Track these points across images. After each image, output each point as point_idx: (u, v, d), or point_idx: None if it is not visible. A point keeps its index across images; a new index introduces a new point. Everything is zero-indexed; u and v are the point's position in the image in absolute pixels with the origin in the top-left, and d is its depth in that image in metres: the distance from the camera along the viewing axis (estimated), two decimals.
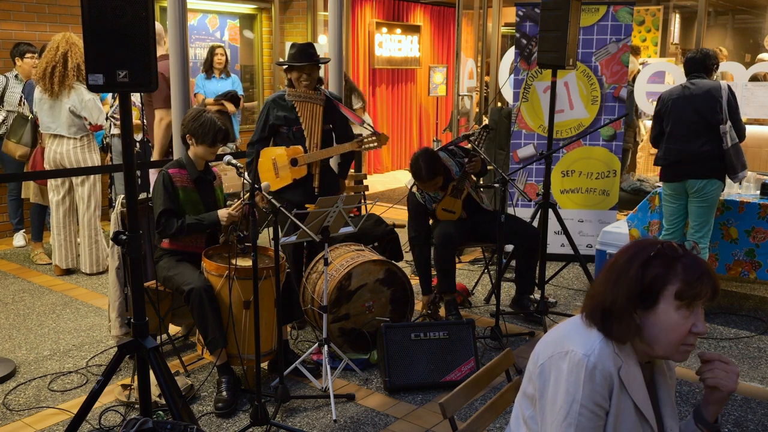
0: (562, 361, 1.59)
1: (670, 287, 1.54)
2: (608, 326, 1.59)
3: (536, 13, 5.33)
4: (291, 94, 4.19)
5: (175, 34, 4.12)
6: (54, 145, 5.26)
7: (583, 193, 5.60)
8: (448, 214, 4.37)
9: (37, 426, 3.21)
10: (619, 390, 1.57)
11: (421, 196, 4.38)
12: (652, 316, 1.57)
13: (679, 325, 1.55)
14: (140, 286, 2.56)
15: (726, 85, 4.29)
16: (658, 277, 1.55)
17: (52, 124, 5.20)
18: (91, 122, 5.24)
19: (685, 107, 4.31)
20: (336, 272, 3.83)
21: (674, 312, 1.55)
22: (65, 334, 4.27)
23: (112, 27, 2.25)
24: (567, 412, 1.56)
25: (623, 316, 1.57)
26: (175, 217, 3.54)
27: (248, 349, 3.40)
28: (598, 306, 1.61)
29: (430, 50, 11.00)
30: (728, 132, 4.22)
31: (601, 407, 1.56)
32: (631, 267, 1.58)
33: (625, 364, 1.58)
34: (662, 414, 1.68)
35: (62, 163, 5.26)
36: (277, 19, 8.80)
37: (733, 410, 3.40)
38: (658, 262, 1.57)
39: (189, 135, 3.60)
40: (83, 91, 5.17)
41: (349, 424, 3.24)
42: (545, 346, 1.67)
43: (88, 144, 5.33)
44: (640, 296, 1.57)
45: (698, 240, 4.37)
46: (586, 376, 1.54)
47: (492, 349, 4.06)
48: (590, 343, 1.58)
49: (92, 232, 5.39)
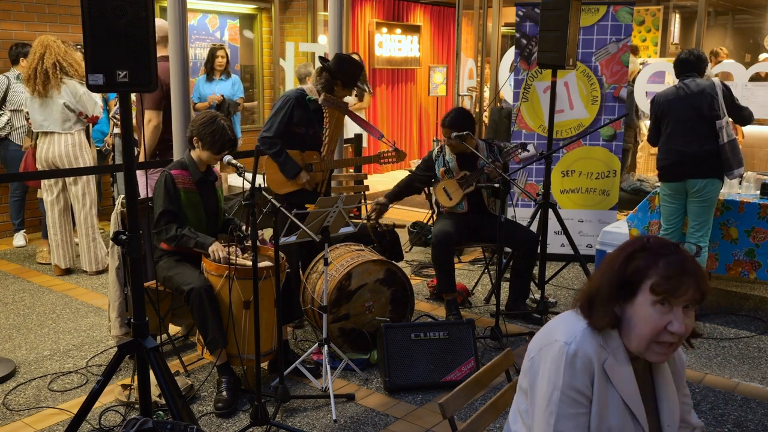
0: (548, 351, 1.62)
1: (648, 281, 1.56)
2: (590, 313, 1.62)
3: (536, 13, 5.33)
4: (327, 99, 4.09)
5: (175, 34, 4.12)
6: (46, 144, 5.25)
7: (583, 193, 5.60)
8: (445, 197, 4.46)
9: (37, 426, 3.21)
10: (603, 380, 1.58)
11: (437, 153, 4.58)
12: (630, 308, 1.59)
13: (653, 320, 1.55)
14: (140, 286, 2.56)
15: (719, 81, 4.34)
16: (639, 270, 1.57)
17: (44, 122, 5.19)
18: (88, 115, 5.26)
19: (683, 107, 4.33)
20: (336, 272, 3.83)
21: (650, 306, 1.56)
22: (65, 334, 4.27)
23: (112, 27, 2.25)
24: (548, 399, 1.58)
25: (603, 303, 1.60)
26: (175, 220, 3.53)
27: (248, 349, 3.40)
28: (585, 294, 1.65)
29: (430, 50, 11.00)
30: (725, 128, 4.25)
31: (583, 394, 1.57)
32: (618, 258, 1.62)
33: (612, 358, 1.59)
34: (660, 409, 1.68)
35: (54, 162, 5.25)
36: (277, 19, 8.80)
37: (733, 410, 3.40)
38: (642, 255, 1.59)
39: (197, 138, 3.57)
40: (76, 85, 5.19)
41: (349, 424, 3.24)
42: (536, 340, 1.70)
43: (80, 143, 5.31)
44: (621, 287, 1.59)
45: (698, 239, 4.37)
46: (566, 363, 1.57)
47: (492, 349, 4.05)
48: (572, 331, 1.61)
49: (89, 230, 5.38)
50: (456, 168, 4.47)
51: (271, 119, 4.14)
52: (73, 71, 5.19)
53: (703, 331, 4.33)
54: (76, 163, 5.27)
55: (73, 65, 5.19)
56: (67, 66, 5.16)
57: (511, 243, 4.42)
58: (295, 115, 4.12)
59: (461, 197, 4.44)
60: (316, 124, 4.18)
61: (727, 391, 3.61)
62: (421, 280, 5.31)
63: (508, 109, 6.25)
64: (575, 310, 1.67)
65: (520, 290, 4.52)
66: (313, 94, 4.16)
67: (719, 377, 3.77)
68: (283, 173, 4.14)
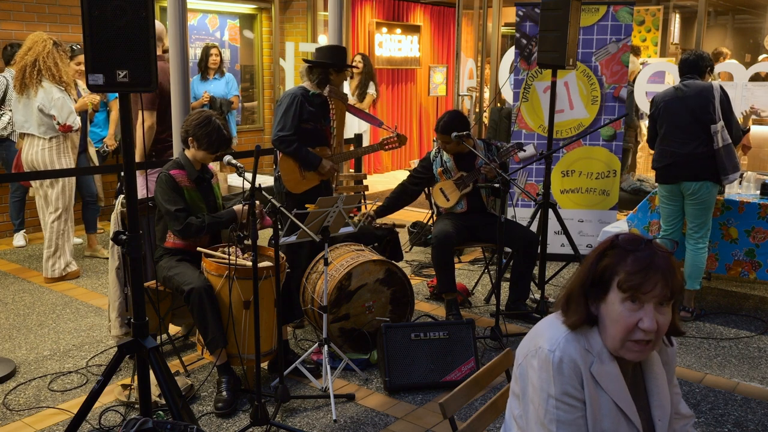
0: (534, 359, 1.62)
1: (616, 277, 1.56)
2: (566, 312, 1.63)
3: (536, 13, 5.33)
4: (332, 90, 4.19)
5: (175, 34, 4.12)
6: (26, 145, 5.20)
7: (583, 193, 5.60)
8: (442, 198, 4.47)
9: (37, 426, 3.21)
10: (592, 384, 1.58)
11: (434, 155, 4.57)
12: (604, 307, 1.59)
13: (623, 317, 1.55)
14: (140, 286, 2.56)
15: (718, 85, 4.29)
16: (608, 267, 1.58)
17: (25, 123, 5.16)
18: (60, 121, 5.07)
19: (679, 109, 4.31)
20: (336, 272, 3.83)
21: (619, 303, 1.56)
22: (65, 334, 4.27)
23: (112, 27, 2.25)
24: (545, 408, 1.59)
25: (575, 301, 1.61)
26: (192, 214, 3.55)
27: (248, 349, 3.40)
28: (564, 293, 1.66)
29: (430, 50, 11.00)
30: (719, 132, 4.21)
31: (576, 398, 1.58)
32: (591, 257, 1.63)
33: (598, 361, 1.59)
34: (650, 404, 1.68)
35: (33, 165, 5.16)
36: (277, 19, 8.80)
37: (733, 410, 3.40)
38: (612, 252, 1.59)
39: (192, 138, 3.58)
40: (53, 89, 5.06)
41: (349, 424, 3.24)
42: (522, 346, 1.71)
43: (57, 146, 5.17)
44: (592, 285, 1.60)
45: (697, 240, 4.37)
46: (554, 370, 1.57)
47: (492, 349, 4.05)
48: (555, 337, 1.61)
49: (53, 236, 5.20)
50: (454, 168, 4.48)
51: (282, 118, 4.12)
52: (48, 75, 5.03)
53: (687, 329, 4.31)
54: (52, 167, 5.14)
55: (51, 69, 5.02)
56: (44, 68, 5.01)
57: (511, 243, 4.42)
58: (305, 112, 4.15)
59: (458, 198, 4.45)
60: (322, 119, 4.23)
61: (727, 391, 3.61)
62: (421, 280, 5.31)
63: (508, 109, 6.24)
64: (557, 312, 1.68)
65: (520, 290, 4.52)
66: (313, 89, 4.21)
67: (719, 377, 3.77)
68: (305, 167, 4.17)
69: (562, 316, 1.65)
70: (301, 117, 4.12)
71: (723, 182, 4.29)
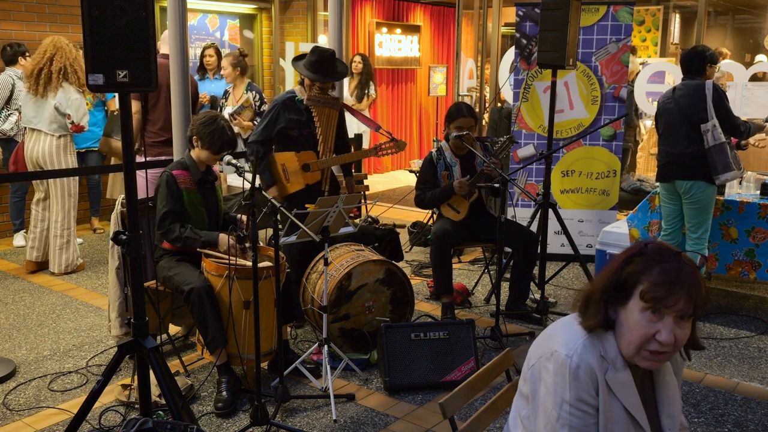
0: (549, 362, 1.61)
1: (640, 286, 1.55)
2: (584, 313, 1.62)
3: (536, 13, 5.33)
4: (310, 98, 4.13)
5: (175, 34, 4.12)
6: (32, 141, 5.28)
7: (583, 193, 5.60)
8: (452, 212, 4.41)
9: (37, 426, 3.21)
10: (606, 391, 1.58)
11: (436, 158, 4.48)
12: (623, 312, 1.58)
13: (641, 327, 1.54)
14: (140, 286, 2.56)
15: (711, 83, 4.25)
16: (633, 274, 1.56)
17: (34, 118, 5.24)
18: (74, 121, 5.25)
19: (674, 109, 4.34)
20: (336, 272, 3.83)
21: (638, 312, 1.54)
22: (65, 334, 4.27)
23: (112, 27, 2.25)
24: (558, 413, 1.58)
25: (595, 303, 1.60)
26: (178, 220, 3.55)
27: (248, 349, 3.40)
28: (583, 294, 1.65)
29: (430, 50, 11.00)
30: (710, 131, 4.19)
31: (590, 405, 1.57)
32: (617, 261, 1.61)
33: (612, 368, 1.59)
34: (660, 413, 1.68)
35: (38, 162, 5.28)
36: (277, 19, 8.80)
37: (733, 410, 3.40)
38: (639, 260, 1.58)
39: (197, 138, 3.59)
40: (72, 90, 5.24)
41: (349, 424, 3.24)
42: (535, 347, 1.70)
43: (65, 145, 5.33)
44: (615, 289, 1.59)
45: (695, 241, 4.35)
46: (570, 376, 1.56)
47: (492, 349, 4.05)
48: (573, 342, 1.60)
49: (64, 232, 5.38)
50: (459, 172, 4.43)
51: (258, 125, 4.25)
52: (74, 78, 5.23)
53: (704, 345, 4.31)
54: (58, 164, 5.30)
55: (78, 73, 5.23)
56: (71, 73, 5.20)
57: (511, 243, 4.42)
58: (282, 120, 4.15)
59: (468, 207, 4.41)
60: (311, 124, 4.20)
61: (727, 391, 3.61)
62: (421, 280, 5.31)
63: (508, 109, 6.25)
64: (574, 314, 1.67)
65: (520, 290, 4.52)
66: (302, 94, 4.19)
67: (719, 377, 3.77)
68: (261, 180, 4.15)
69: (579, 317, 1.64)
70: (277, 125, 4.14)
71: (716, 182, 4.27)
